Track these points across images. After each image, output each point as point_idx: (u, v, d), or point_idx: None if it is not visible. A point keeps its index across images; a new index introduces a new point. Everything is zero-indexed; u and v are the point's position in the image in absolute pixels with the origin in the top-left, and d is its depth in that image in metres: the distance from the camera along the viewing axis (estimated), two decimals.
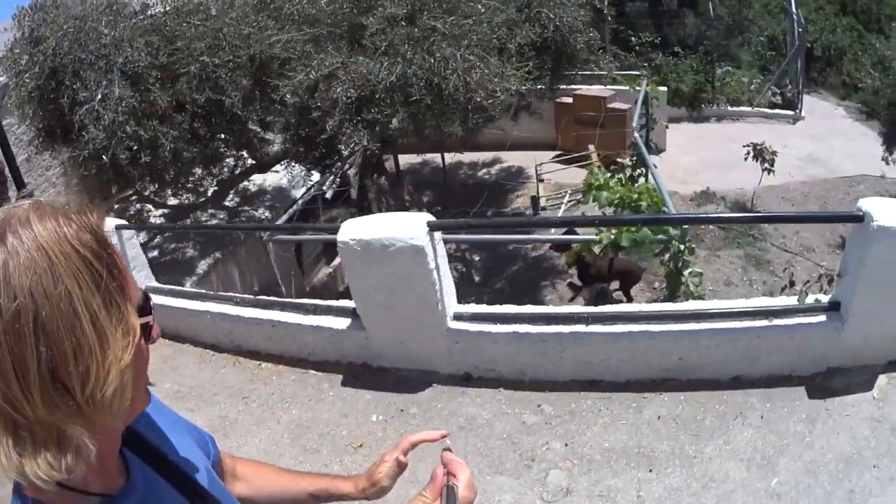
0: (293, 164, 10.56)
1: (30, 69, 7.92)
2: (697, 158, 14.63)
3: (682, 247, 7.06)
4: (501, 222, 8.07)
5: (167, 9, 8.71)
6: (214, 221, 11.50)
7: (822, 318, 3.80)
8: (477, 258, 13.92)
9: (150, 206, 11.65)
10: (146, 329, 0.93)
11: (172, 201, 11.23)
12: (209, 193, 11.15)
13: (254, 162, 11.29)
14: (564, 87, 14.33)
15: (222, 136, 9.68)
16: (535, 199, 14.60)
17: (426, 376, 4.32)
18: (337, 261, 12.48)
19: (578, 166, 14.23)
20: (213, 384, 4.80)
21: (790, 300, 3.96)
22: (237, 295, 5.35)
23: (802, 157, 14.88)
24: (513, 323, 4.01)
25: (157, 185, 9.84)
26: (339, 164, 10.24)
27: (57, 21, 8.13)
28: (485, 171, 16.26)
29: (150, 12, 8.79)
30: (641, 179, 10.07)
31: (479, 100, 7.63)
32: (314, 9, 8.43)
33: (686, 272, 7.12)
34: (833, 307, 3.79)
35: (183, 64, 8.07)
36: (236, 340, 5.06)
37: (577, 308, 4.33)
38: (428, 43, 7.65)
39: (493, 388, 4.18)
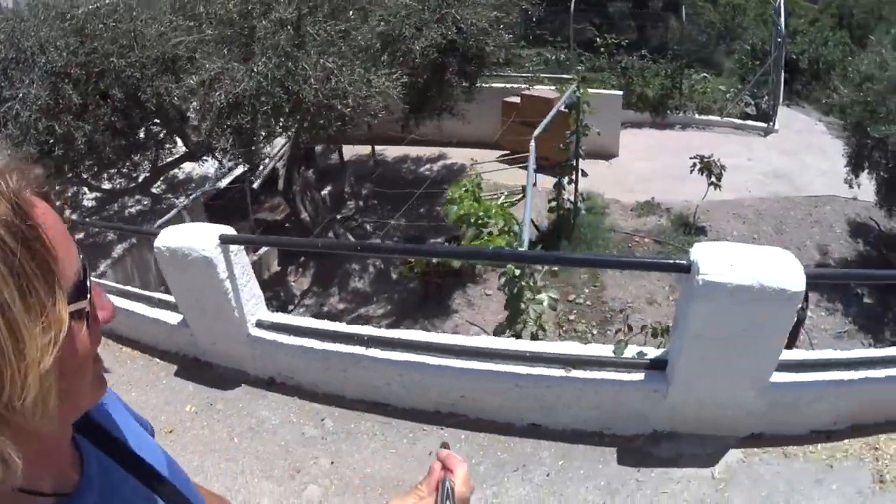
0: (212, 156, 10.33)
1: None
2: (651, 166, 13.09)
3: (516, 272, 6.56)
4: (287, 241, 8.37)
5: (87, 10, 8.85)
6: (139, 207, 12.21)
7: (641, 376, 3.51)
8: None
9: (85, 189, 11.96)
10: (83, 314, 0.77)
11: (106, 185, 11.28)
12: (140, 179, 11.29)
13: (186, 150, 11.08)
14: (515, 86, 13.46)
15: (146, 127, 10.11)
16: None
17: (239, 376, 4.50)
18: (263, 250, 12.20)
19: (520, 167, 12.96)
20: None
21: (605, 350, 3.66)
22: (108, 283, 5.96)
23: (766, 171, 13.20)
24: (302, 336, 4.10)
25: (95, 170, 10.09)
26: (262, 156, 9.68)
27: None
28: (428, 166, 14.97)
29: (76, 12, 8.83)
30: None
31: (339, 107, 7.66)
32: (224, 10, 8.29)
33: (526, 298, 6.67)
34: (657, 365, 3.51)
35: (96, 64, 8.40)
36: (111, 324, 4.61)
37: (361, 329, 4.06)
38: (298, 50, 7.80)
39: (290, 395, 4.31)
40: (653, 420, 3.64)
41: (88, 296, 0.78)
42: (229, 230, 3.97)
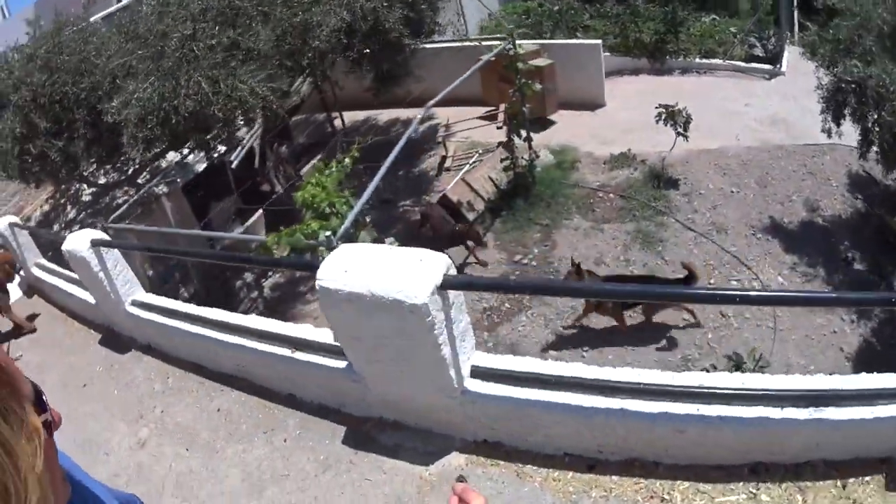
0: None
1: None
2: (637, 115, 11.60)
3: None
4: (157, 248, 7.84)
5: (50, 46, 9.83)
6: (126, 197, 12.59)
7: (343, 364, 3.52)
8: (368, 218, 11.97)
9: (84, 185, 13.41)
10: (48, 422, 0.90)
11: (101, 181, 12.64)
12: (129, 172, 12.25)
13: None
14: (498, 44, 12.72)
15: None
16: (443, 159, 12.44)
17: (130, 343, 5.57)
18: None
19: (498, 126, 11.95)
20: None
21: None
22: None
23: (762, 118, 11.48)
24: (161, 314, 4.90)
25: (94, 166, 11.41)
26: (214, 141, 10.24)
27: None
28: (413, 128, 14.02)
29: (40, 52, 9.84)
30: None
31: (218, 114, 8.22)
32: (162, 24, 8.94)
33: None
34: None
35: (58, 92, 9.36)
36: None
37: (183, 306, 4.89)
38: (188, 66, 8.34)
39: (157, 359, 5.17)
40: (373, 407, 3.68)
41: (46, 400, 0.95)
42: (103, 235, 5.27)
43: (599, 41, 12.23)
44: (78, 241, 5.00)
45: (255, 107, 8.59)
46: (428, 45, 11.80)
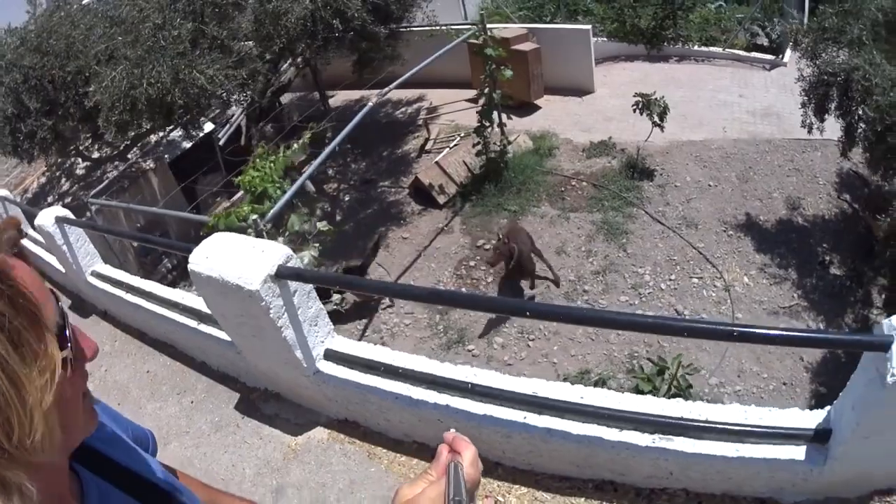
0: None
1: None
2: (625, 103, 10.87)
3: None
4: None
5: (41, 28, 10.22)
6: (116, 172, 13.19)
7: (224, 335, 3.85)
8: (347, 198, 11.73)
9: (79, 159, 13.93)
10: (68, 355, 0.84)
11: (95, 155, 12.98)
12: (121, 148, 12.45)
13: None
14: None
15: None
16: (424, 141, 12.04)
17: (94, 309, 6.06)
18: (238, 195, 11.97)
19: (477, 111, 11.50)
20: None
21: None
22: None
23: (755, 110, 10.75)
24: (118, 287, 5.20)
25: (88, 142, 12.12)
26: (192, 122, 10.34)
27: None
28: (403, 110, 13.64)
29: (30, 35, 10.23)
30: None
31: (179, 100, 8.52)
32: (138, 12, 9.12)
33: None
34: None
35: (46, 74, 9.76)
36: None
37: (129, 279, 5.26)
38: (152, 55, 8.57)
39: (110, 324, 5.64)
40: (258, 379, 4.07)
41: (70, 336, 0.84)
42: (68, 213, 5.58)
43: (589, 27, 11.62)
44: (46, 217, 5.43)
45: (213, 93, 8.83)
46: (414, 30, 11.39)
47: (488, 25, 11.12)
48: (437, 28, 11.09)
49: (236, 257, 3.03)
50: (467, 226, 9.89)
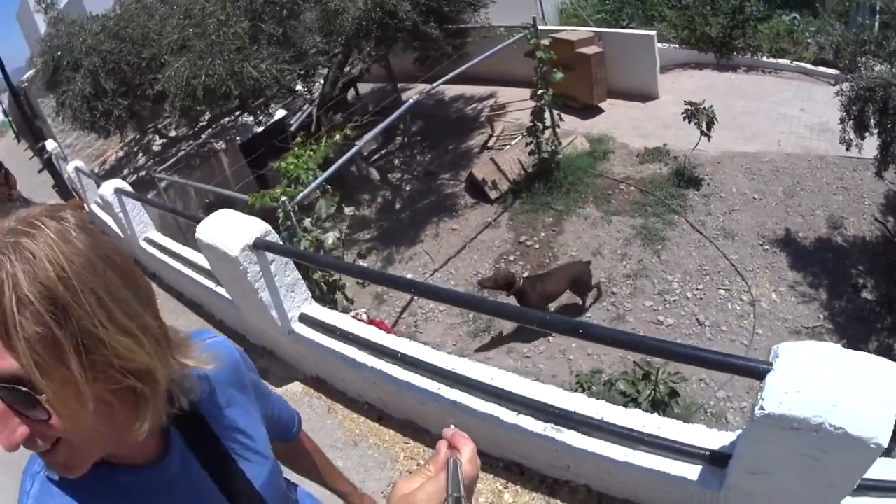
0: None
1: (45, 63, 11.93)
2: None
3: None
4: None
5: (119, 15, 11.56)
6: (186, 151, 14.59)
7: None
8: (409, 187, 12.37)
9: (156, 136, 15.16)
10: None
11: (172, 133, 14.22)
12: (196, 128, 13.67)
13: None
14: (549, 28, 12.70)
15: None
16: (488, 138, 12.51)
17: None
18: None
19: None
20: None
21: None
22: None
23: (813, 124, 10.66)
24: (159, 250, 6.06)
25: (167, 121, 13.49)
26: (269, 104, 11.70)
27: (62, 35, 11.97)
28: (473, 106, 14.12)
29: (108, 23, 11.45)
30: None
31: (234, 91, 9.59)
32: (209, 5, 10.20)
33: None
34: None
35: (123, 59, 10.97)
36: None
37: (177, 247, 5.84)
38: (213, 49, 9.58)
39: None
40: (257, 336, 4.61)
41: None
42: (127, 186, 6.32)
43: (654, 33, 11.74)
44: (107, 188, 6.20)
45: (267, 85, 9.67)
46: (477, 28, 11.86)
47: (555, 27, 11.45)
48: (492, 28, 11.51)
49: (226, 229, 3.62)
50: (514, 222, 10.33)
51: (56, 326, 0.78)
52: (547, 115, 10.19)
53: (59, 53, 11.62)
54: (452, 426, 1.11)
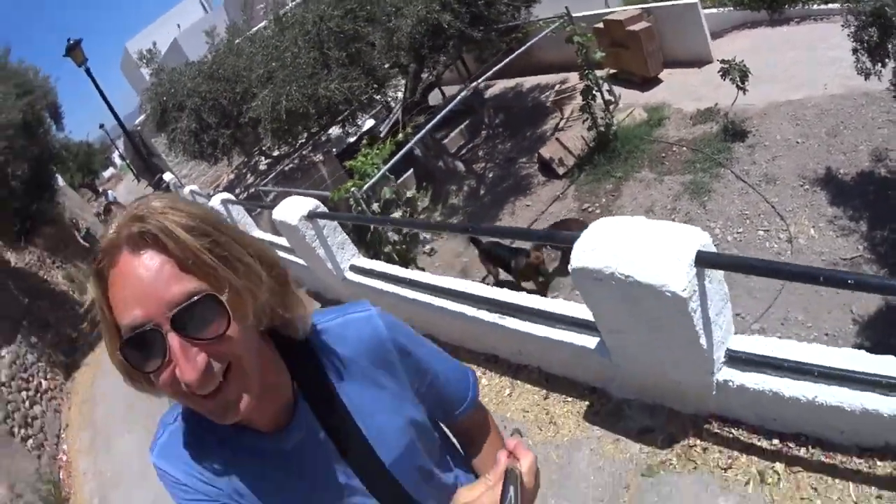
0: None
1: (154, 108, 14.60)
2: None
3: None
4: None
5: (213, 58, 13.85)
6: (289, 166, 16.34)
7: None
8: (491, 174, 13.69)
9: (262, 157, 17.49)
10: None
11: (276, 153, 16.01)
12: (296, 146, 15.33)
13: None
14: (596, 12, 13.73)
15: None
16: (559, 121, 13.60)
17: None
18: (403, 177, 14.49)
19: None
20: None
21: None
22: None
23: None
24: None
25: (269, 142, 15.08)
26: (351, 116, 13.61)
27: (165, 82, 14.48)
28: (546, 93, 15.13)
29: (203, 67, 13.68)
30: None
31: (312, 111, 11.37)
32: (284, 41, 12.15)
33: None
34: None
35: (220, 96, 13.16)
36: None
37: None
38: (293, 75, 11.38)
39: None
40: (325, 289, 6.21)
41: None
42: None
43: (696, 0, 12.34)
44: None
45: (340, 101, 11.36)
46: (520, 23, 13.06)
47: (606, 10, 12.35)
48: (534, 23, 12.58)
49: (289, 208, 5.28)
50: (579, 192, 11.35)
51: (220, 235, 0.96)
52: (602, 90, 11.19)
53: (165, 98, 13.84)
54: (517, 437, 1.13)
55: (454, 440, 1.50)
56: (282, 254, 6.20)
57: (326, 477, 1.14)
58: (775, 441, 2.64)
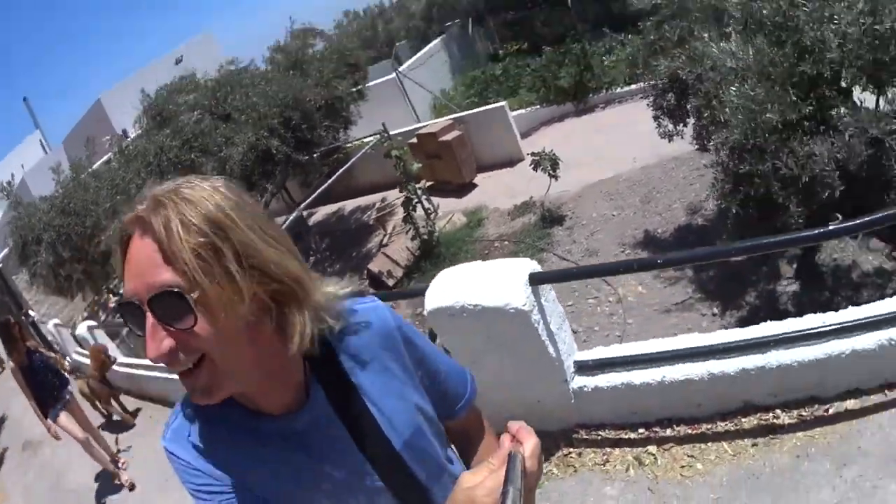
0: None
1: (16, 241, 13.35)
2: None
3: None
4: None
5: (61, 196, 12.72)
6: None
7: None
8: None
9: (111, 295, 15.27)
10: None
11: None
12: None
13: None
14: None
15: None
16: (382, 237, 13.06)
17: None
18: None
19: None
20: None
21: None
22: None
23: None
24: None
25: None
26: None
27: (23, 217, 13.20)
28: (368, 213, 14.87)
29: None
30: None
31: None
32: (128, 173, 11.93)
33: None
34: None
35: (72, 229, 12.06)
36: None
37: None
38: None
39: None
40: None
41: None
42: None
43: (503, 103, 12.56)
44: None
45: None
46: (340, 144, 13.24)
47: (420, 124, 12.21)
48: (353, 142, 12.42)
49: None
50: (411, 299, 10.58)
51: (217, 240, 0.92)
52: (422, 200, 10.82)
53: (24, 232, 13.08)
54: (520, 421, 1.09)
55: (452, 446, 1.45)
56: None
57: (338, 458, 1.13)
58: (641, 430, 2.96)
